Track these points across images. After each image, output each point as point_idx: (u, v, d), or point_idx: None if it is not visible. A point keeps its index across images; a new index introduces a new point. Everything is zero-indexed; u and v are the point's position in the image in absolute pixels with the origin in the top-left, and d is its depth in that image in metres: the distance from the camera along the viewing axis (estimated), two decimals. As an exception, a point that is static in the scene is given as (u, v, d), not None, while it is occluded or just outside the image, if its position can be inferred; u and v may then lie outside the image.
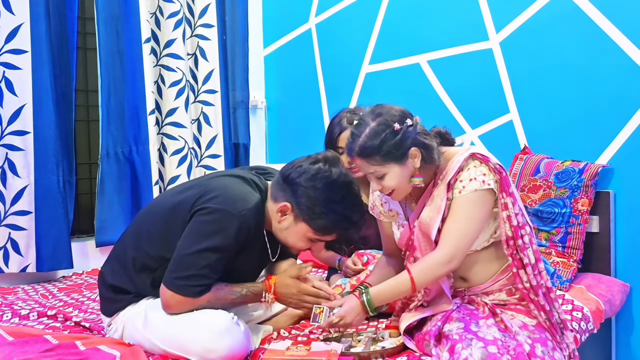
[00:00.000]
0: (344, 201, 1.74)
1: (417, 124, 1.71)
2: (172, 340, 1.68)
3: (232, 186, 1.78)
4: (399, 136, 1.66)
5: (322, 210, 1.73)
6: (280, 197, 1.78)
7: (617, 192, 2.48)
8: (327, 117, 3.58)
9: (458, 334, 1.59)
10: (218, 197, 1.73)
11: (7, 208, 2.81)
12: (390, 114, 1.69)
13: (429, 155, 1.71)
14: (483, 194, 1.66)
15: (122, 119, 3.17)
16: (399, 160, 1.68)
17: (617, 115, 2.48)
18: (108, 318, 1.87)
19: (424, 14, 3.10)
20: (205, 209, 1.71)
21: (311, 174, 1.75)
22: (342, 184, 1.75)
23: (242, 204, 1.72)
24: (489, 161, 1.68)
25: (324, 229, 1.77)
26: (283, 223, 1.79)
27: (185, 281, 1.68)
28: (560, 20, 2.62)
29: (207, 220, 1.70)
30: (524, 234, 1.67)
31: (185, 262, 1.70)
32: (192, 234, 1.71)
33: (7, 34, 2.78)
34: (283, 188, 1.78)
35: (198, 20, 3.51)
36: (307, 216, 1.75)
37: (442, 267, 1.66)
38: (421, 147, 1.69)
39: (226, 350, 1.64)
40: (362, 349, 1.71)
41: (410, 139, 1.67)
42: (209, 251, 1.69)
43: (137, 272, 1.81)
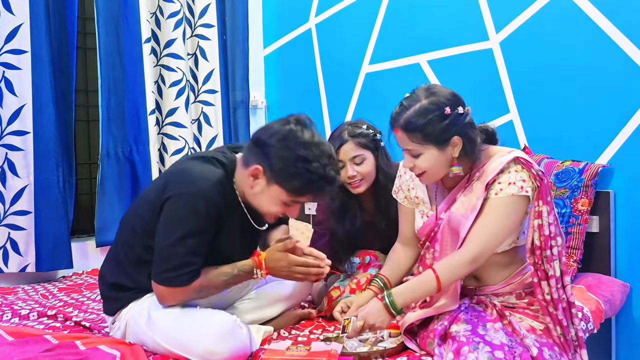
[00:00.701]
0: (317, 160, 1.68)
1: (467, 114, 1.67)
2: (175, 341, 1.68)
3: (189, 169, 1.78)
4: (446, 121, 1.63)
5: (296, 170, 1.68)
6: (251, 161, 1.75)
7: (617, 192, 2.48)
8: (327, 117, 3.57)
9: (465, 336, 1.57)
10: (179, 183, 1.73)
11: (7, 208, 2.81)
12: (444, 96, 1.66)
13: (470, 148, 1.68)
14: (518, 200, 1.64)
15: (123, 119, 3.17)
16: (439, 144, 1.65)
17: (617, 115, 2.48)
18: (111, 317, 1.87)
19: (424, 14, 3.10)
20: (170, 198, 1.72)
21: (282, 134, 1.70)
22: (314, 143, 1.70)
23: (203, 182, 1.71)
24: (531, 167, 1.64)
25: (298, 189, 1.71)
26: (256, 187, 1.75)
27: (171, 273, 1.69)
28: (560, 20, 2.62)
29: (174, 208, 1.71)
30: (554, 245, 1.63)
31: (166, 254, 1.70)
32: (166, 225, 1.72)
33: (7, 34, 2.78)
34: (254, 152, 1.75)
35: (198, 20, 3.51)
36: (280, 178, 1.70)
37: (467, 266, 1.63)
38: (465, 137, 1.66)
39: (229, 352, 1.64)
40: (368, 349, 1.71)
41: (457, 127, 1.65)
42: (187, 237, 1.69)
43: (133, 266, 1.82)
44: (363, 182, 2.15)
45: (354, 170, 2.12)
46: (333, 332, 1.95)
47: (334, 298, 2.11)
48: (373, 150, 2.17)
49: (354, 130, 2.17)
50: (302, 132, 1.71)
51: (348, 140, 2.14)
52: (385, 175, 2.16)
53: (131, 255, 1.82)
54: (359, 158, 2.14)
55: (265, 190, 1.74)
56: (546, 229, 1.62)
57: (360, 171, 2.13)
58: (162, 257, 1.71)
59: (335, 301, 2.10)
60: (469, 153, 1.69)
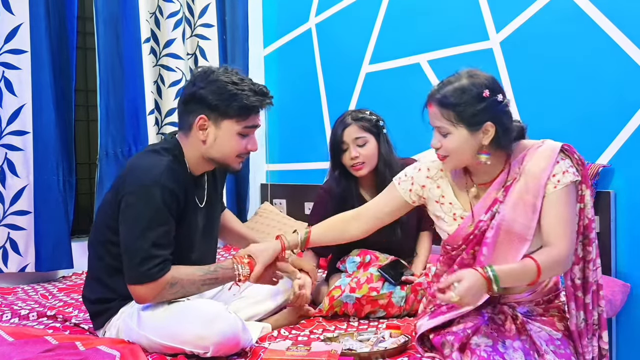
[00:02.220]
0: (241, 80, 1.79)
1: (505, 103, 1.62)
2: (165, 332, 1.68)
3: (137, 164, 1.79)
4: (483, 104, 1.57)
5: (230, 94, 1.75)
6: (191, 120, 1.80)
7: (618, 192, 2.48)
8: (327, 117, 3.57)
9: (486, 351, 1.54)
10: (130, 180, 1.74)
11: (7, 208, 2.81)
12: (485, 78, 1.62)
13: (504, 137, 1.60)
14: (575, 187, 1.63)
15: (122, 118, 3.17)
16: (471, 126, 1.58)
17: (617, 115, 2.47)
18: (101, 329, 1.87)
19: (424, 14, 3.09)
20: (124, 196, 1.73)
21: (202, 77, 1.79)
22: (229, 71, 1.79)
23: (152, 172, 1.73)
24: (574, 153, 1.64)
25: (241, 110, 1.77)
26: (209, 137, 1.80)
27: (139, 268, 1.69)
28: (561, 20, 2.61)
29: (130, 204, 1.72)
30: (594, 228, 1.66)
31: (131, 252, 1.70)
32: (125, 223, 1.73)
33: (6, 34, 2.78)
34: (188, 111, 1.81)
35: (198, 20, 3.51)
36: (222, 109, 1.77)
37: (566, 264, 1.60)
38: (499, 125, 1.59)
39: (217, 336, 1.63)
40: (369, 349, 1.70)
41: (492, 113, 1.58)
42: (147, 230, 1.69)
43: (111, 277, 1.82)
44: (365, 165, 2.23)
45: (357, 152, 2.22)
46: (333, 332, 1.95)
47: (335, 297, 2.11)
48: (375, 135, 2.26)
49: (357, 114, 2.28)
50: (215, 70, 1.81)
51: (351, 123, 2.25)
52: (385, 163, 2.24)
53: (105, 267, 1.83)
54: (361, 140, 2.23)
55: (217, 133, 1.80)
56: (589, 211, 1.64)
57: (362, 153, 2.22)
58: (127, 256, 1.71)
59: (336, 301, 2.10)
60: (503, 142, 1.61)
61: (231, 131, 1.80)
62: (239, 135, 1.81)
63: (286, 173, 3.84)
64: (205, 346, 1.63)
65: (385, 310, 2.10)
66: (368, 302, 2.08)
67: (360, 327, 2.04)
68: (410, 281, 2.13)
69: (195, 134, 1.81)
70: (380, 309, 2.10)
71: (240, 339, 1.69)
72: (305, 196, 3.59)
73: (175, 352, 1.69)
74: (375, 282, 2.11)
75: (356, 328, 2.02)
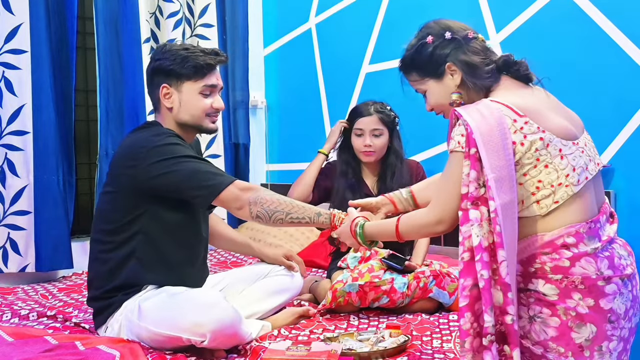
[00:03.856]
0: (194, 46, 1.97)
1: (460, 38, 1.53)
2: (164, 321, 1.69)
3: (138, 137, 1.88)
4: (430, 49, 1.54)
5: (183, 56, 1.88)
6: (156, 92, 1.93)
7: (617, 192, 2.48)
8: (327, 117, 3.57)
9: None
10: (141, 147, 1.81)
11: (7, 208, 2.81)
12: (428, 27, 1.60)
13: (470, 72, 1.50)
14: (457, 158, 1.46)
15: (121, 118, 3.17)
16: (434, 75, 1.55)
17: (617, 115, 2.47)
18: (104, 325, 1.88)
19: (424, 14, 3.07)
20: (147, 157, 1.78)
21: (157, 51, 1.96)
22: (184, 43, 1.99)
23: (158, 133, 1.86)
24: (468, 126, 1.45)
25: (196, 70, 1.89)
26: (174, 103, 1.92)
27: (210, 181, 1.77)
28: (561, 20, 2.61)
29: (159, 156, 1.78)
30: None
31: (191, 181, 1.77)
32: (166, 169, 1.77)
33: (6, 34, 2.78)
34: (152, 85, 1.95)
35: (198, 20, 3.51)
36: (178, 71, 1.89)
37: (428, 229, 1.52)
38: (458, 61, 1.51)
39: (214, 323, 1.64)
40: (368, 349, 1.71)
41: (446, 53, 1.52)
42: (189, 160, 1.80)
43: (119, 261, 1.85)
44: (374, 155, 2.43)
45: (371, 141, 2.41)
46: (333, 332, 1.96)
47: (337, 290, 2.12)
48: (390, 130, 2.44)
49: (380, 107, 2.46)
50: (167, 44, 2.00)
51: (373, 113, 2.43)
52: (397, 156, 2.43)
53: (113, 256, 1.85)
54: (378, 131, 2.42)
55: (181, 97, 1.91)
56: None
57: (375, 143, 2.42)
58: (191, 187, 1.77)
59: (339, 292, 2.12)
60: (472, 80, 1.50)
61: (192, 92, 1.91)
62: (201, 95, 1.92)
63: (286, 173, 3.84)
64: (202, 333, 1.64)
65: (389, 297, 2.11)
66: (371, 288, 2.11)
67: (361, 326, 2.05)
68: (413, 267, 2.19)
69: (163, 106, 1.93)
70: (383, 295, 2.11)
71: (237, 329, 1.70)
72: (305, 196, 3.59)
73: (173, 343, 1.70)
74: (377, 271, 2.14)
75: (356, 328, 2.03)
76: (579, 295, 1.34)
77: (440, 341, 1.84)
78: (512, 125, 1.37)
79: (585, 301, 1.33)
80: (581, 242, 1.36)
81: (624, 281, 1.37)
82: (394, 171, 2.42)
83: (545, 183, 1.38)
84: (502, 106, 1.39)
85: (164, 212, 1.85)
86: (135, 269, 1.84)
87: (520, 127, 1.37)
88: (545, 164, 1.38)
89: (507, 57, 1.53)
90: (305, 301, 2.34)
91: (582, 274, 1.34)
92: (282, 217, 1.80)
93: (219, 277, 2.20)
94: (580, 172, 1.40)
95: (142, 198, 1.82)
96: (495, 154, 1.33)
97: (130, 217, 1.83)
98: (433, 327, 1.98)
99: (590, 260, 1.35)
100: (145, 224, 1.84)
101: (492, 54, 1.56)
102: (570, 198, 1.38)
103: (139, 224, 1.84)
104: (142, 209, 1.83)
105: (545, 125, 1.40)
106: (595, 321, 1.33)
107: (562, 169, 1.38)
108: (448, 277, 2.19)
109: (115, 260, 1.85)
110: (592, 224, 1.39)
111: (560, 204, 1.37)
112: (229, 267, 3.00)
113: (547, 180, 1.37)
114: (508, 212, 1.31)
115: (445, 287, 2.17)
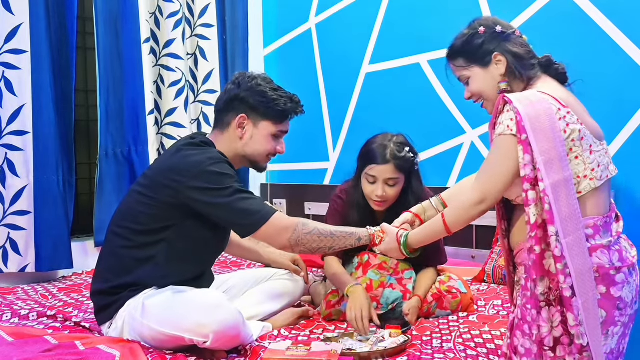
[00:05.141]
0: (280, 87, 1.99)
1: (509, 33, 1.65)
2: (167, 321, 1.69)
3: (189, 155, 1.86)
4: (481, 39, 1.64)
5: (271, 98, 1.94)
6: (230, 118, 1.96)
7: (617, 192, 2.48)
8: (327, 117, 3.57)
9: None
10: (190, 166, 1.80)
11: (7, 208, 2.81)
12: (479, 20, 1.71)
13: (517, 63, 1.61)
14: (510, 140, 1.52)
15: (121, 119, 3.17)
16: (481, 62, 1.65)
17: (617, 115, 2.47)
18: (107, 322, 1.88)
19: (424, 14, 3.09)
20: (194, 179, 1.78)
21: (245, 81, 1.96)
22: (267, 79, 1.99)
23: (210, 155, 1.85)
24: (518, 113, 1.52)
25: (279, 114, 1.96)
26: (246, 135, 1.96)
27: (252, 216, 1.78)
28: (561, 20, 2.62)
29: (208, 181, 1.78)
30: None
31: (236, 213, 1.78)
32: (212, 197, 1.78)
33: (6, 34, 2.78)
34: (229, 110, 1.96)
35: (198, 20, 3.51)
36: (262, 111, 1.94)
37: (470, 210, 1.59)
38: (506, 52, 1.61)
39: (217, 324, 1.64)
40: (368, 349, 1.71)
41: (495, 43, 1.63)
42: (237, 191, 1.79)
43: (136, 261, 1.85)
44: (386, 204, 2.16)
45: (384, 192, 2.12)
46: (333, 332, 1.96)
47: (332, 303, 2.10)
48: (407, 175, 2.16)
49: (398, 152, 2.12)
50: (257, 77, 1.98)
51: (390, 161, 2.11)
52: (415, 198, 2.13)
53: (134, 253, 1.85)
54: (393, 181, 2.13)
55: (254, 132, 1.96)
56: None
57: (389, 193, 2.13)
58: (236, 220, 1.80)
59: (334, 310, 2.09)
60: (518, 70, 1.61)
61: (267, 132, 1.97)
62: (272, 137, 1.99)
63: (286, 173, 3.84)
64: (205, 334, 1.64)
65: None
66: None
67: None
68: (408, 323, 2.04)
69: (233, 131, 1.96)
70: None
71: (240, 330, 1.70)
72: (305, 196, 3.59)
73: (175, 342, 1.70)
74: (376, 289, 2.09)
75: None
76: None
77: (440, 341, 1.84)
78: (557, 112, 1.48)
79: (598, 289, 1.43)
80: (597, 235, 1.47)
81: (630, 271, 1.49)
82: (401, 210, 2.05)
83: (572, 173, 1.47)
84: (547, 96, 1.50)
85: (194, 228, 1.85)
86: (150, 271, 1.84)
87: (564, 115, 1.48)
88: (576, 155, 1.48)
89: (549, 57, 1.66)
90: (304, 302, 2.34)
91: (597, 264, 1.44)
92: (325, 250, 1.89)
93: (223, 279, 2.20)
94: (603, 170, 1.51)
95: (177, 212, 1.83)
96: (544, 137, 1.43)
97: (161, 224, 1.84)
98: (433, 327, 1.98)
99: (605, 252, 1.46)
100: (172, 235, 1.85)
101: (535, 53, 1.68)
102: (592, 191, 1.48)
103: (166, 233, 1.84)
104: (173, 222, 1.84)
105: (582, 119, 1.51)
106: (606, 307, 1.44)
107: (589, 162, 1.48)
108: (449, 295, 2.13)
109: (133, 258, 1.85)
110: (607, 218, 1.52)
111: (583, 195, 1.47)
112: (229, 267, 3.00)
113: (575, 171, 1.48)
114: (562, 190, 1.42)
115: (448, 307, 2.13)
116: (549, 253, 1.41)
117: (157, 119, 3.27)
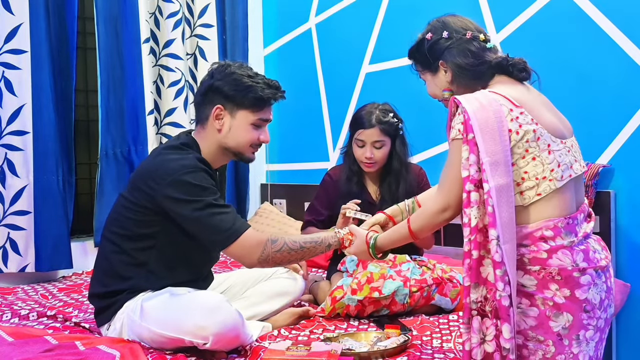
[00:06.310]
0: (255, 74, 1.91)
1: (456, 38, 1.60)
2: (166, 323, 1.69)
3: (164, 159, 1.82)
4: (427, 45, 1.65)
5: (246, 85, 1.86)
6: (207, 110, 1.89)
7: (618, 192, 2.48)
8: (327, 117, 3.57)
9: None
10: (167, 172, 1.76)
11: (6, 208, 2.81)
12: (433, 25, 1.70)
13: (459, 73, 1.58)
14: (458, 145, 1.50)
15: (121, 119, 3.17)
16: (430, 69, 1.66)
17: (617, 115, 2.47)
18: (106, 324, 1.88)
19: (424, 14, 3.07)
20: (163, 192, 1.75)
21: (219, 71, 1.90)
22: (245, 65, 1.93)
23: (184, 163, 1.79)
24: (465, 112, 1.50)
25: (256, 102, 1.88)
26: (224, 126, 1.89)
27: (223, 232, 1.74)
28: (561, 20, 2.62)
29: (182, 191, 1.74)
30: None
31: (207, 226, 1.75)
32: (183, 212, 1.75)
33: (6, 34, 2.78)
34: (206, 102, 1.90)
35: (197, 20, 3.51)
36: (238, 100, 1.87)
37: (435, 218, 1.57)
38: (449, 63, 1.60)
39: (218, 326, 1.64)
40: (368, 349, 1.70)
41: (439, 52, 1.62)
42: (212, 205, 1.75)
43: (128, 268, 1.84)
44: (376, 165, 2.38)
45: (372, 153, 2.35)
46: (333, 332, 1.95)
47: (337, 299, 2.11)
48: (392, 138, 2.38)
49: (383, 117, 2.35)
50: (231, 64, 1.92)
51: (375, 125, 2.34)
52: (400, 162, 2.39)
53: (120, 259, 1.84)
54: (379, 143, 2.36)
55: (232, 123, 1.89)
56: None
57: (376, 155, 2.36)
58: (206, 232, 1.76)
59: (338, 303, 2.10)
60: (460, 81, 1.59)
61: (245, 121, 1.89)
62: (252, 126, 1.91)
63: (286, 173, 3.84)
64: (205, 336, 1.64)
65: (389, 309, 2.10)
66: (370, 302, 2.08)
67: (361, 326, 2.04)
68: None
69: (211, 124, 1.90)
70: (383, 307, 2.10)
71: (240, 331, 1.70)
72: (305, 196, 3.59)
73: (175, 344, 1.69)
74: (377, 281, 2.10)
75: (356, 328, 2.02)
76: (555, 285, 1.40)
77: (440, 341, 1.84)
78: (509, 113, 1.44)
79: (561, 291, 1.39)
80: (558, 236, 1.41)
81: (597, 272, 1.43)
82: (398, 178, 2.37)
83: (530, 175, 1.43)
84: (499, 96, 1.47)
85: (180, 234, 1.82)
86: (144, 277, 1.84)
87: (516, 116, 1.44)
88: (533, 156, 1.43)
89: (501, 60, 1.58)
90: (304, 302, 2.34)
91: (558, 266, 1.39)
92: (296, 262, 1.90)
93: (222, 278, 2.20)
94: (564, 169, 1.45)
95: (158, 218, 1.81)
96: (491, 139, 1.39)
97: (146, 230, 1.83)
98: (433, 327, 1.98)
99: (566, 252, 1.41)
100: (159, 241, 1.84)
101: (489, 55, 1.60)
102: (552, 192, 1.43)
103: (153, 240, 1.83)
104: (156, 228, 1.83)
105: (538, 119, 1.46)
106: (571, 310, 1.39)
107: (548, 163, 1.44)
108: (450, 283, 2.16)
109: (124, 263, 1.85)
110: (570, 220, 1.45)
111: (542, 197, 1.43)
112: (229, 267, 3.00)
113: (533, 172, 1.43)
114: (503, 195, 1.37)
115: (448, 294, 2.15)
116: (487, 260, 1.36)
117: (156, 119, 3.27)
